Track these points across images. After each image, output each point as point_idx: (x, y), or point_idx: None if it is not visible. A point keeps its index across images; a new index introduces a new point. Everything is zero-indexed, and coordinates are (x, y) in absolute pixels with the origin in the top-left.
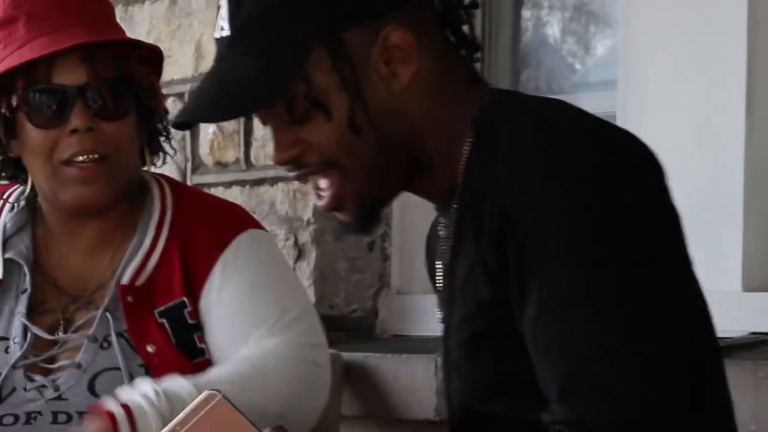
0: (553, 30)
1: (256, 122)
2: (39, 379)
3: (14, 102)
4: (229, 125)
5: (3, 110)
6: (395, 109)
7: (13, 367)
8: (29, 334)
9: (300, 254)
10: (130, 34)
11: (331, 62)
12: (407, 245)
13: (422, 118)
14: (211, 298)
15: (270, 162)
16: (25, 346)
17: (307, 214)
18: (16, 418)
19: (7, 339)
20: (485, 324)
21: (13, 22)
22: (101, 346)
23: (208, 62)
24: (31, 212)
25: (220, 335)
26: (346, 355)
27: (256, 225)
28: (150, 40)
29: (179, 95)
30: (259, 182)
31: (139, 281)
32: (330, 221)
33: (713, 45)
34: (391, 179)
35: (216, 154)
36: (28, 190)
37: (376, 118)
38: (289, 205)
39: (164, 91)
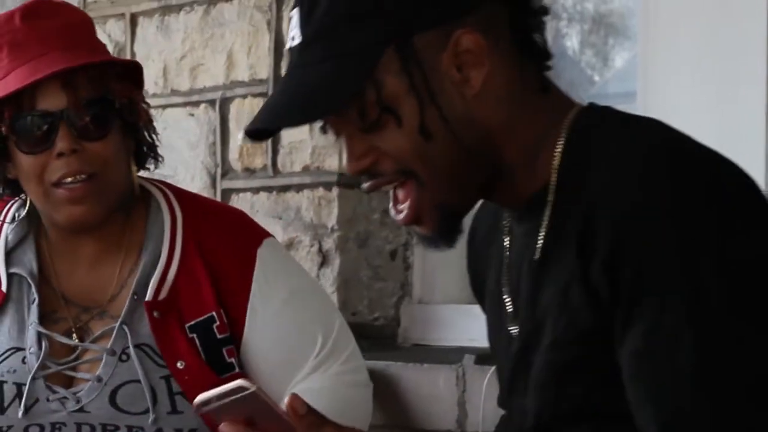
0: (572, 42)
1: (285, 130)
2: (61, 390)
3: (3, 131)
4: None
5: None
6: (469, 116)
7: (34, 378)
8: (44, 343)
9: (324, 261)
10: (165, 43)
11: (401, 65)
12: (429, 255)
13: (498, 125)
14: (257, 324)
15: (296, 169)
16: (41, 355)
17: (332, 221)
18: (42, 428)
19: (23, 349)
20: (580, 351)
21: None
22: (120, 359)
23: (238, 71)
24: (33, 225)
25: (268, 360)
26: (368, 364)
27: (264, 231)
28: (184, 49)
29: (211, 102)
30: (285, 189)
31: (162, 294)
32: (353, 228)
33: (733, 57)
34: (470, 187)
35: (245, 161)
36: (27, 207)
37: (449, 124)
38: (314, 211)
39: (196, 98)
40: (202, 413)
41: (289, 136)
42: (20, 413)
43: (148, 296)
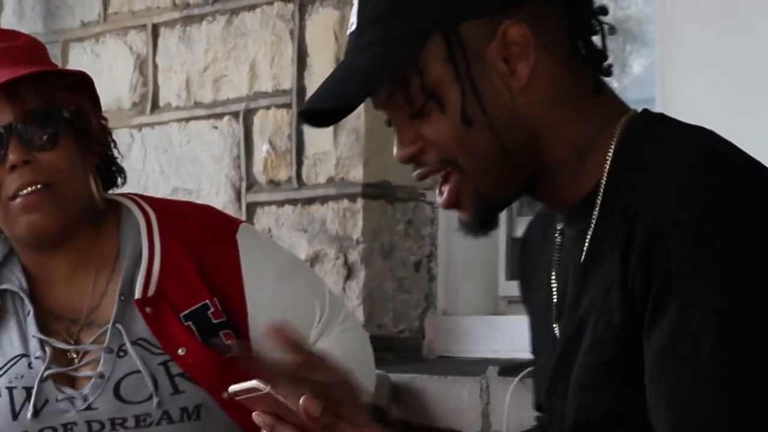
0: None
1: (308, 141)
2: (68, 390)
3: None
4: (282, 144)
5: None
6: (514, 109)
7: (42, 380)
8: (47, 348)
9: (349, 274)
10: (187, 54)
11: (446, 53)
12: (453, 266)
13: (545, 123)
14: (257, 309)
15: (321, 181)
16: (47, 358)
17: (357, 233)
18: (54, 430)
19: (27, 356)
20: (616, 353)
21: None
22: (118, 355)
23: (261, 82)
24: (11, 246)
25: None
26: (393, 377)
27: (236, 218)
28: (207, 60)
29: (234, 114)
30: (310, 201)
31: (150, 291)
32: (378, 240)
33: (752, 64)
34: (511, 181)
35: (269, 173)
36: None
37: (493, 115)
38: (339, 224)
39: (220, 110)
40: (236, 399)
41: (313, 147)
42: (29, 414)
43: (137, 294)
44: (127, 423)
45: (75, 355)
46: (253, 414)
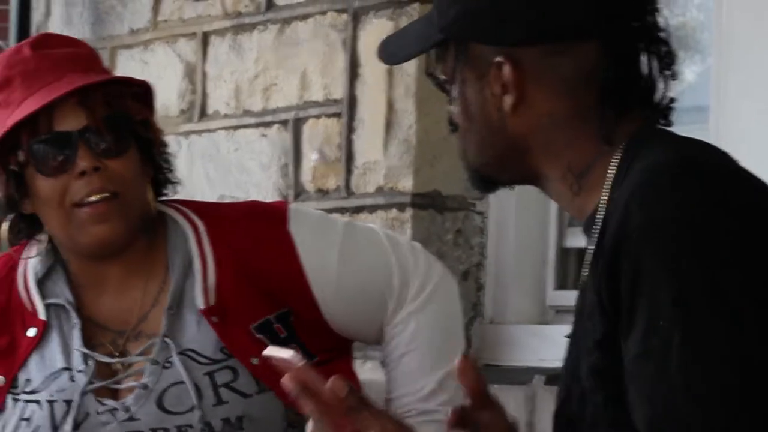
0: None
1: (358, 151)
2: (109, 402)
3: (21, 157)
4: (332, 153)
5: (12, 167)
6: (502, 129)
7: (83, 393)
8: (90, 362)
9: None
10: (237, 62)
11: (454, 57)
12: (501, 275)
13: (537, 146)
14: (328, 301)
15: (370, 190)
16: (90, 372)
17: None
18: None
19: (70, 369)
20: (598, 361)
21: (9, 84)
22: (163, 367)
23: (312, 91)
24: (58, 256)
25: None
26: None
27: (280, 204)
28: (257, 69)
29: (284, 123)
30: (358, 210)
31: (211, 300)
32: (427, 249)
33: None
34: (504, 170)
35: (318, 182)
36: (46, 243)
37: (479, 129)
38: None
39: (269, 118)
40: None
41: (362, 156)
42: (69, 428)
43: (201, 304)
44: None
45: (120, 367)
46: (284, 377)
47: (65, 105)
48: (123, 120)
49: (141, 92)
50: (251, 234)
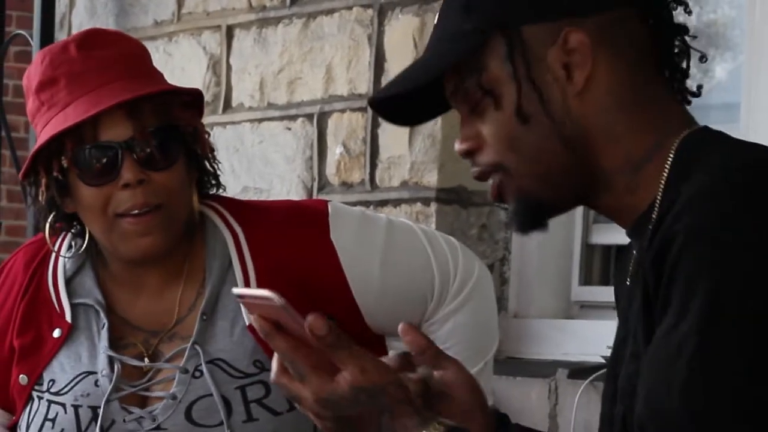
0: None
1: (383, 145)
2: (136, 410)
3: (65, 164)
4: (356, 147)
5: (55, 173)
6: (568, 112)
7: (108, 400)
8: (116, 366)
9: None
10: (263, 56)
11: (506, 52)
12: (525, 270)
13: (600, 130)
14: (371, 307)
15: (394, 184)
16: (114, 378)
17: None
18: None
19: (95, 373)
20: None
21: (54, 84)
22: (193, 376)
23: (337, 85)
24: (90, 254)
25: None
26: None
27: (318, 205)
28: (282, 63)
29: (308, 116)
30: (383, 203)
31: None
32: None
33: None
34: (562, 184)
35: (342, 175)
36: (87, 240)
37: (550, 114)
38: None
39: (294, 111)
40: (237, 301)
41: (387, 150)
42: None
43: (247, 321)
44: None
45: (149, 370)
46: (253, 318)
47: (112, 114)
48: (170, 132)
49: (191, 100)
50: (293, 242)
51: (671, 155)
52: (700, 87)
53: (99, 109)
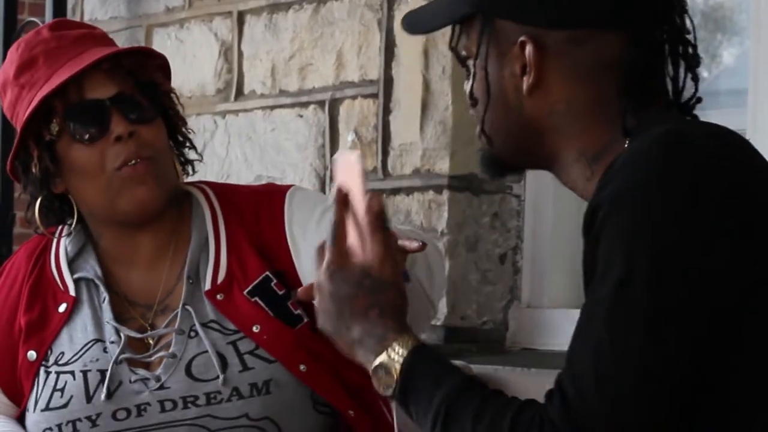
0: None
1: (395, 132)
2: (142, 372)
3: (55, 127)
4: (368, 134)
5: (47, 137)
6: (521, 107)
7: (117, 362)
8: (123, 335)
9: None
10: (273, 42)
11: (479, 32)
12: (538, 259)
13: (551, 129)
14: (302, 255)
15: (406, 172)
16: (122, 343)
17: (441, 225)
18: (128, 412)
19: (102, 341)
20: None
21: (33, 64)
22: (189, 336)
23: (348, 71)
24: (89, 236)
25: None
26: (476, 368)
27: (286, 186)
28: (293, 49)
29: (320, 103)
30: (395, 191)
31: (220, 278)
32: (463, 232)
33: None
34: (514, 154)
35: None
36: (74, 222)
37: (495, 105)
38: (423, 215)
39: (305, 99)
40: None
41: (399, 138)
42: (103, 396)
43: (207, 286)
44: (198, 401)
45: (151, 341)
46: (338, 181)
47: (94, 75)
48: (153, 87)
49: (163, 65)
50: (256, 202)
51: (626, 146)
52: (691, 101)
53: (84, 65)
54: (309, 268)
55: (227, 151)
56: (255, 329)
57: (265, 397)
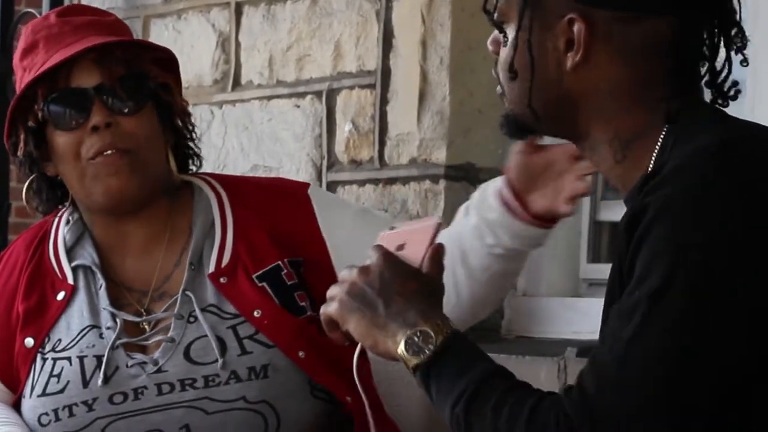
0: None
1: (392, 122)
2: (139, 356)
3: (39, 114)
4: (365, 124)
5: (31, 123)
6: (561, 81)
7: (113, 347)
8: (119, 320)
9: None
10: (271, 33)
11: (521, 5)
12: None
13: (589, 107)
14: (341, 251)
15: (403, 161)
16: (118, 329)
17: (438, 214)
18: (125, 396)
19: (98, 327)
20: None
21: (34, 48)
22: (188, 321)
23: (346, 62)
24: (86, 225)
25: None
26: None
27: (301, 181)
28: (291, 39)
29: (317, 94)
30: (391, 181)
31: (225, 261)
32: None
33: None
34: (542, 122)
35: (351, 153)
36: (69, 206)
37: (536, 76)
38: (420, 204)
39: (303, 89)
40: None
41: (396, 128)
42: (100, 381)
43: (211, 268)
44: (197, 383)
45: (147, 325)
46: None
47: (83, 63)
48: (139, 80)
49: (165, 58)
50: (271, 195)
51: (663, 134)
52: (730, 92)
53: (67, 56)
54: (346, 259)
55: (224, 141)
56: (256, 314)
57: (263, 381)
